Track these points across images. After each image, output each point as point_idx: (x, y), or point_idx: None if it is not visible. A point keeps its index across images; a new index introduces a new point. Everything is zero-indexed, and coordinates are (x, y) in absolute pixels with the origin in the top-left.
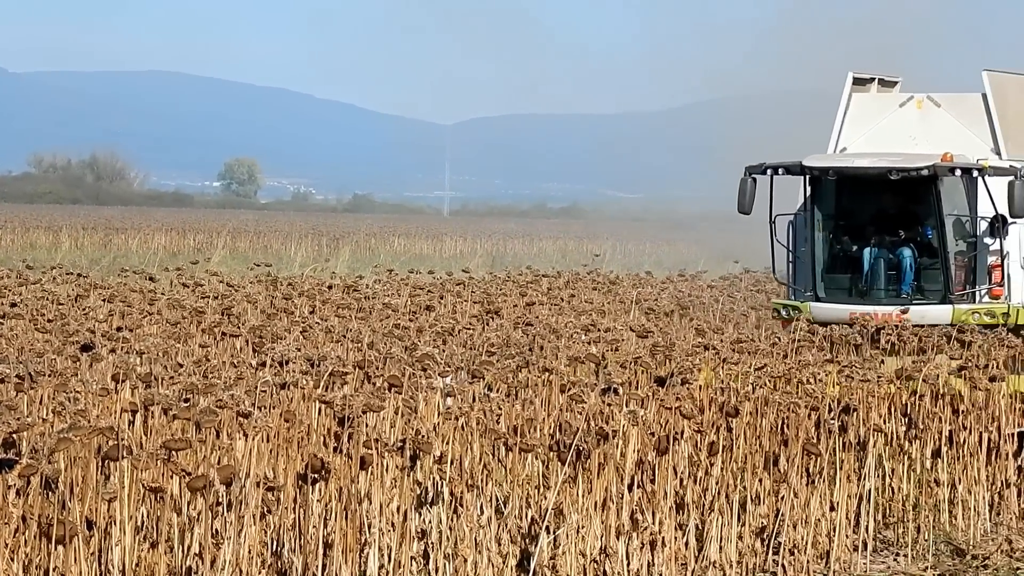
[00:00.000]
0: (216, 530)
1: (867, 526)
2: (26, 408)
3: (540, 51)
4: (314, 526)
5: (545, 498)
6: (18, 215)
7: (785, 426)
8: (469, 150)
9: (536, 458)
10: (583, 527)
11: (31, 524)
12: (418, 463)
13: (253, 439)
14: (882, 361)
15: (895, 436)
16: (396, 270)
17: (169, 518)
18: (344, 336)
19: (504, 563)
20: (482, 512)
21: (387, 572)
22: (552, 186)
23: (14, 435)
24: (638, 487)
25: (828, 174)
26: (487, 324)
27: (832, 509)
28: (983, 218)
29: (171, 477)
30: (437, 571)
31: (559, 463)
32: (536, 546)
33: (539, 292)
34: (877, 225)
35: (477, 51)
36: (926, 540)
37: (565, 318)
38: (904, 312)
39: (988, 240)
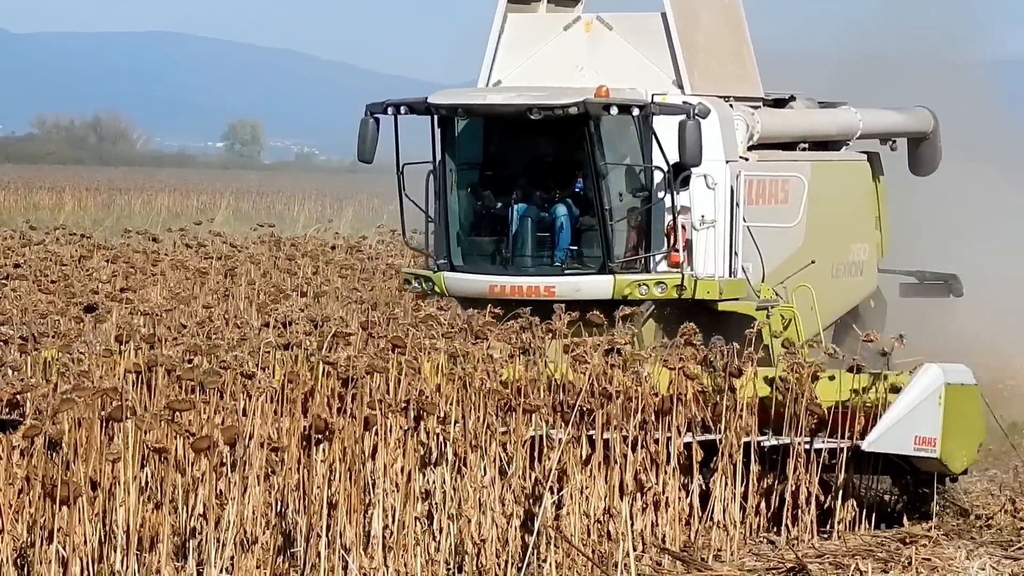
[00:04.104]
0: (220, 491)
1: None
2: (30, 369)
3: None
4: (318, 487)
5: (549, 459)
6: (21, 176)
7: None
8: None
9: (540, 419)
10: (587, 488)
11: (35, 485)
12: (422, 424)
13: (257, 400)
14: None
15: None
16: (399, 230)
17: (173, 479)
18: (347, 296)
19: (508, 523)
20: (486, 473)
21: (391, 532)
22: None
23: (18, 396)
24: (642, 448)
25: (458, 113)
26: None
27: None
28: (657, 168)
29: (175, 438)
30: (441, 531)
31: (563, 424)
32: (540, 507)
33: None
34: (528, 177)
35: (482, 11)
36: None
37: None
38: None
39: (663, 195)
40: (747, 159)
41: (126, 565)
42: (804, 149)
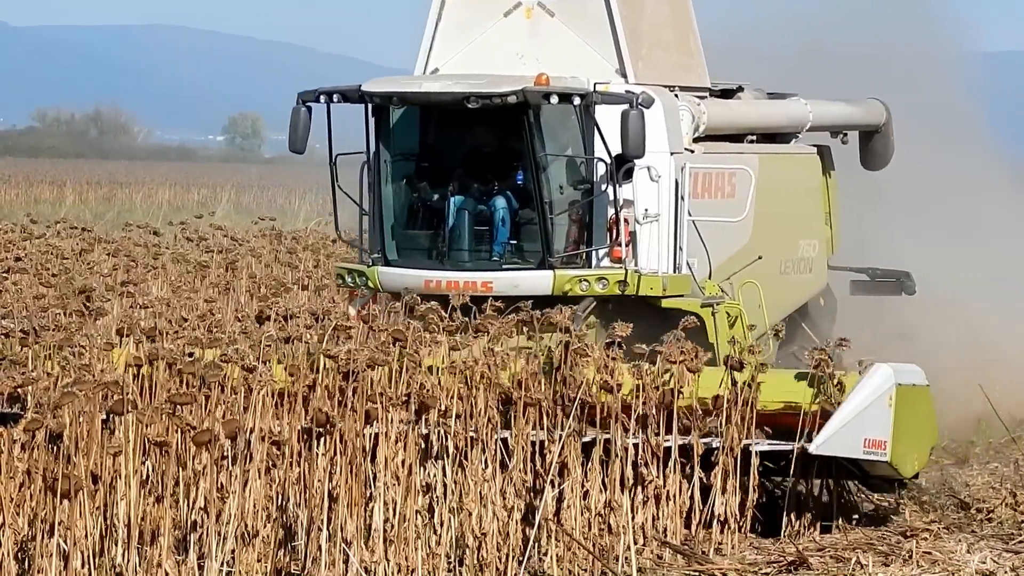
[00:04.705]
0: (221, 484)
1: None
2: (31, 363)
3: None
4: (319, 480)
5: (550, 452)
6: (22, 169)
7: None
8: None
9: (541, 412)
10: (588, 481)
11: (36, 478)
12: (423, 417)
13: (258, 393)
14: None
15: None
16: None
17: (174, 473)
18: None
19: (509, 517)
20: (487, 466)
21: (392, 526)
22: None
23: (19, 389)
24: (644, 441)
25: (392, 101)
26: None
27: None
28: (599, 159)
29: (176, 431)
30: (442, 525)
31: (564, 417)
32: (541, 500)
33: None
34: (465, 169)
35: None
36: (931, 494)
37: None
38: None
39: (605, 188)
40: (692, 151)
41: (127, 559)
42: (752, 141)
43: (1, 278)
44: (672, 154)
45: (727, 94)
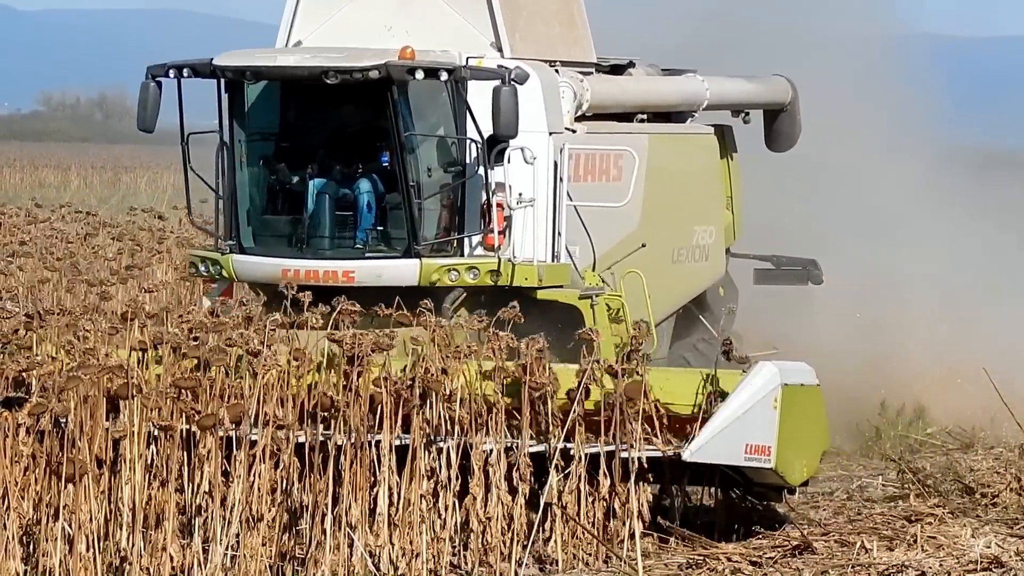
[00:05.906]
0: (226, 468)
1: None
2: (35, 347)
3: None
4: (324, 464)
5: (555, 436)
6: (27, 153)
7: None
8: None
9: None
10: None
11: (41, 463)
12: (428, 401)
13: (263, 377)
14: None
15: None
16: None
17: (179, 456)
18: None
19: (514, 501)
20: (491, 450)
21: (396, 510)
22: None
23: (24, 374)
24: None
25: (246, 76)
26: None
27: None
28: (471, 140)
29: (181, 415)
30: (446, 509)
31: (570, 402)
32: (545, 485)
33: None
34: (327, 150)
35: None
36: (936, 478)
37: None
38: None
39: (479, 170)
40: (574, 131)
41: (132, 542)
42: (643, 121)
43: (6, 262)
44: (551, 134)
45: (617, 70)
